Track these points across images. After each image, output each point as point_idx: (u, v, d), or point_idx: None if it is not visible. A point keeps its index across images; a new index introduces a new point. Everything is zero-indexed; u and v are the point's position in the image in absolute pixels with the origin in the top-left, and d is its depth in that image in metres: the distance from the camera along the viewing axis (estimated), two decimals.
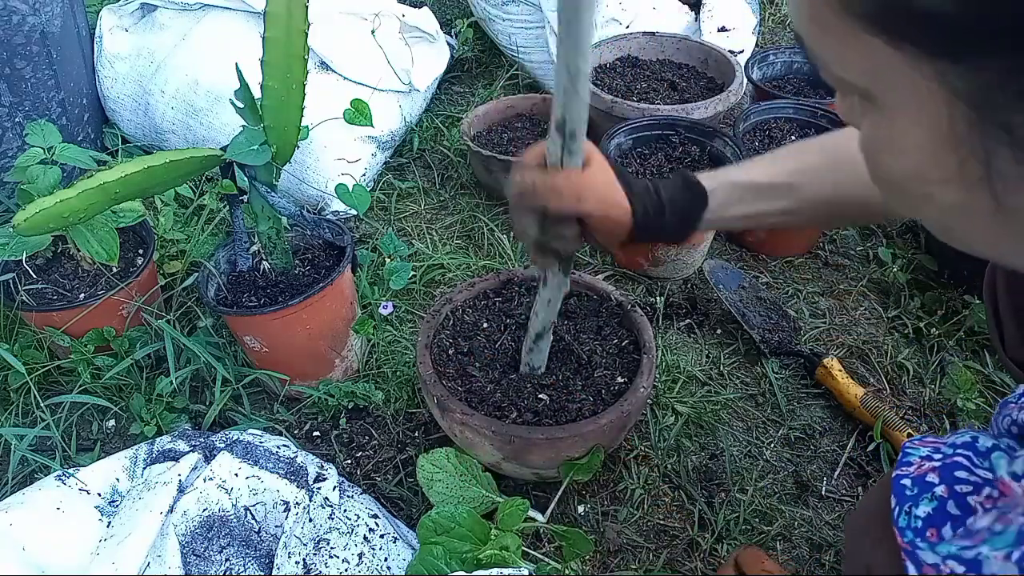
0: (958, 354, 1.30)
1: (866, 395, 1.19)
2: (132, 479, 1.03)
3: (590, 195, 0.74)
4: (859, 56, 0.38)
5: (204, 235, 1.48)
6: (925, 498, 0.55)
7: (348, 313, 1.24)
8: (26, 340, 1.25)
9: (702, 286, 1.45)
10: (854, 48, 0.37)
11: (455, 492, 0.99)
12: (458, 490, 0.99)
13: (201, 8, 1.65)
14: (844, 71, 0.40)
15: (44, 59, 1.55)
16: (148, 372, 1.28)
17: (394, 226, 1.63)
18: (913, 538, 0.54)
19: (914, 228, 1.55)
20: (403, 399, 1.25)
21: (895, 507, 0.57)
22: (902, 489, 0.58)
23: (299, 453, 1.05)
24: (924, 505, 0.55)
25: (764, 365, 1.30)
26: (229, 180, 1.09)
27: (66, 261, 1.30)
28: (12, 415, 1.21)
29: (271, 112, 1.02)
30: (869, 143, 0.43)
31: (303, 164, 1.58)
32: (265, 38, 0.96)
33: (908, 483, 0.58)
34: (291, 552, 0.94)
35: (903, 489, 0.58)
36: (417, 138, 1.84)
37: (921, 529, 0.54)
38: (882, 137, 0.41)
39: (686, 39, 1.75)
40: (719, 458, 1.16)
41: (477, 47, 2.15)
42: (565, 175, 0.73)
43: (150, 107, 1.69)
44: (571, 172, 0.73)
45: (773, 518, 1.08)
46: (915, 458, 0.60)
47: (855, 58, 0.38)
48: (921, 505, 0.55)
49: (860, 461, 1.16)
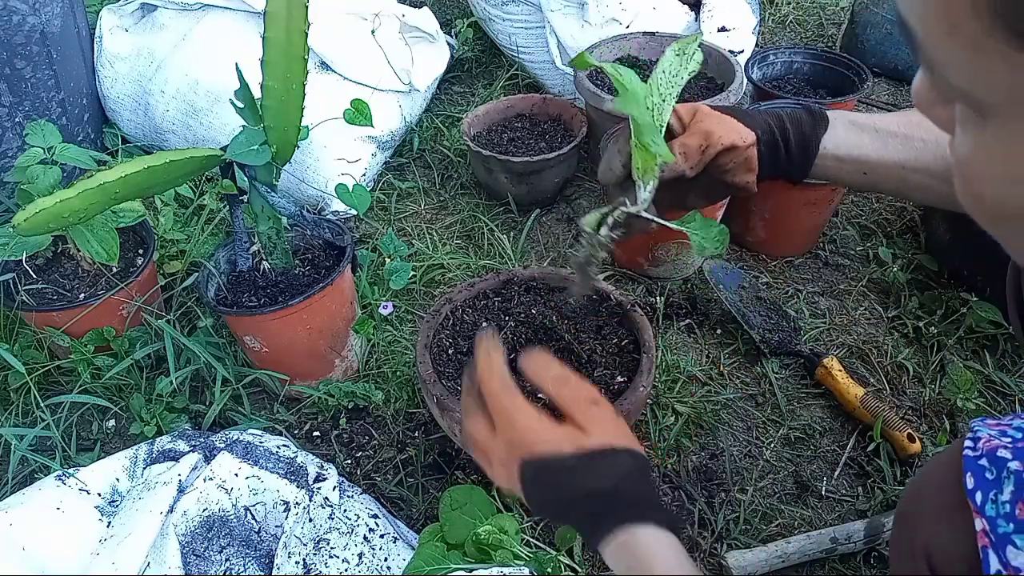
0: (958, 354, 1.30)
1: (866, 395, 1.19)
2: (132, 479, 1.03)
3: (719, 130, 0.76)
4: (999, 73, 0.33)
5: (204, 235, 1.48)
6: (1005, 478, 0.55)
7: (348, 313, 1.24)
8: (26, 340, 1.25)
9: (702, 286, 1.45)
10: (995, 63, 0.32)
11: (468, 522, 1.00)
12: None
13: (201, 8, 1.65)
14: (969, 83, 0.35)
15: (44, 59, 1.55)
16: (148, 372, 1.28)
17: (394, 226, 1.63)
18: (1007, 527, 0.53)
19: (914, 228, 1.56)
20: (403, 399, 1.25)
21: (976, 489, 0.57)
22: (981, 471, 0.57)
23: (299, 453, 1.05)
24: (1007, 485, 0.55)
25: (764, 365, 1.30)
26: (229, 180, 1.09)
27: (66, 261, 1.30)
28: (12, 415, 1.21)
29: (271, 112, 1.02)
30: (970, 160, 0.38)
31: (303, 164, 1.58)
32: (265, 38, 0.96)
33: (986, 463, 0.58)
34: (291, 552, 0.94)
35: (983, 471, 0.57)
36: (417, 138, 1.84)
37: (1011, 513, 0.53)
38: (991, 157, 0.37)
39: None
40: (719, 458, 1.16)
41: (477, 47, 2.15)
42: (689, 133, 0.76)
43: (150, 107, 1.69)
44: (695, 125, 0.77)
45: (773, 518, 1.08)
46: (983, 435, 0.60)
47: (992, 73, 0.33)
48: (1005, 488, 0.55)
49: (860, 461, 1.16)
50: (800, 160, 0.79)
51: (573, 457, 0.58)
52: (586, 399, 0.62)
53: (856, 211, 1.63)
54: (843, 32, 2.16)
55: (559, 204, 1.69)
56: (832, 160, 0.78)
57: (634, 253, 1.46)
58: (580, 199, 1.71)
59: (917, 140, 0.75)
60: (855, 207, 1.64)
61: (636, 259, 1.47)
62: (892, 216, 1.60)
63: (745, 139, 0.77)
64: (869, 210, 1.63)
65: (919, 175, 0.76)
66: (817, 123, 0.78)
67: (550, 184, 1.61)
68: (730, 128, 0.77)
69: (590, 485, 0.57)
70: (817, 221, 1.48)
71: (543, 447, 0.59)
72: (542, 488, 0.59)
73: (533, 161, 1.53)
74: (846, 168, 0.79)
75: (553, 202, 1.68)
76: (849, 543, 1.02)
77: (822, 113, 0.79)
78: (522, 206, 1.63)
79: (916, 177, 0.76)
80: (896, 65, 2.06)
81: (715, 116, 0.78)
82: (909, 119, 0.77)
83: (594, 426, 0.60)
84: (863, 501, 1.10)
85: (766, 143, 0.79)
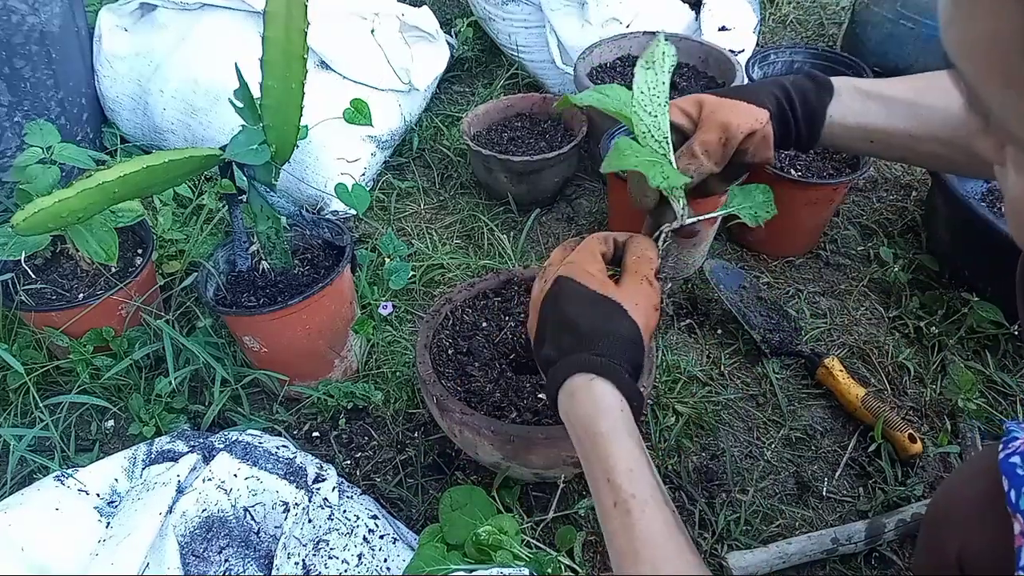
0: (959, 354, 1.29)
1: (867, 395, 1.18)
2: (131, 479, 1.03)
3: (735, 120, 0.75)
4: None
5: (203, 235, 1.48)
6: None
7: (347, 313, 1.23)
8: (25, 340, 1.25)
9: (702, 286, 1.45)
10: None
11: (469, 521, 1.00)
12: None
13: (201, 8, 1.65)
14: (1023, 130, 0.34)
15: (43, 59, 1.55)
16: (147, 372, 1.28)
17: (394, 226, 1.62)
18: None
19: (915, 228, 1.55)
20: (403, 399, 1.25)
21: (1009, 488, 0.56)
22: (1012, 468, 0.57)
23: (298, 453, 1.05)
24: None
25: (765, 365, 1.30)
26: (228, 180, 1.09)
27: (65, 261, 1.30)
28: (11, 415, 1.21)
29: (270, 111, 1.02)
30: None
31: (302, 164, 1.58)
32: (265, 37, 0.96)
33: (1018, 460, 0.57)
34: (290, 553, 0.93)
35: (1013, 467, 0.57)
36: (417, 138, 1.84)
37: None
38: None
39: (686, 38, 1.75)
40: (720, 458, 1.16)
41: (477, 47, 2.14)
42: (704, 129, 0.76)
43: (149, 107, 1.68)
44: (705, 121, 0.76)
45: (774, 519, 1.08)
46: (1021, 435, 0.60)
47: None
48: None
49: (861, 461, 1.16)
50: (808, 131, 0.79)
51: (594, 294, 0.68)
52: (641, 274, 0.71)
53: (857, 211, 1.63)
54: (844, 31, 2.16)
55: (559, 204, 1.69)
56: (839, 128, 0.78)
57: None
58: (580, 199, 1.70)
59: (924, 107, 0.74)
60: (856, 207, 1.64)
61: None
62: (893, 216, 1.60)
63: (761, 120, 0.76)
64: (870, 210, 1.63)
65: (928, 142, 0.75)
66: (822, 91, 0.78)
67: (550, 184, 1.61)
68: (745, 113, 0.76)
69: (585, 317, 0.67)
70: (817, 221, 1.48)
71: (582, 276, 0.70)
72: (555, 300, 0.70)
73: (533, 160, 1.53)
74: (853, 136, 0.78)
75: (553, 202, 1.68)
76: (850, 544, 1.02)
77: (826, 80, 0.78)
78: (522, 206, 1.63)
79: (923, 145, 0.76)
80: (897, 64, 2.06)
81: (726, 104, 0.76)
82: (917, 84, 0.76)
83: (629, 291, 0.69)
84: (864, 502, 1.10)
85: (777, 118, 0.78)
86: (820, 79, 0.78)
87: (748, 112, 0.76)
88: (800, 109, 0.78)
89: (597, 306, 0.68)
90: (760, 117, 0.76)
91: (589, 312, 0.67)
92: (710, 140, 0.75)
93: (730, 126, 0.74)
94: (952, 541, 0.63)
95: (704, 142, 0.75)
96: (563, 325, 0.68)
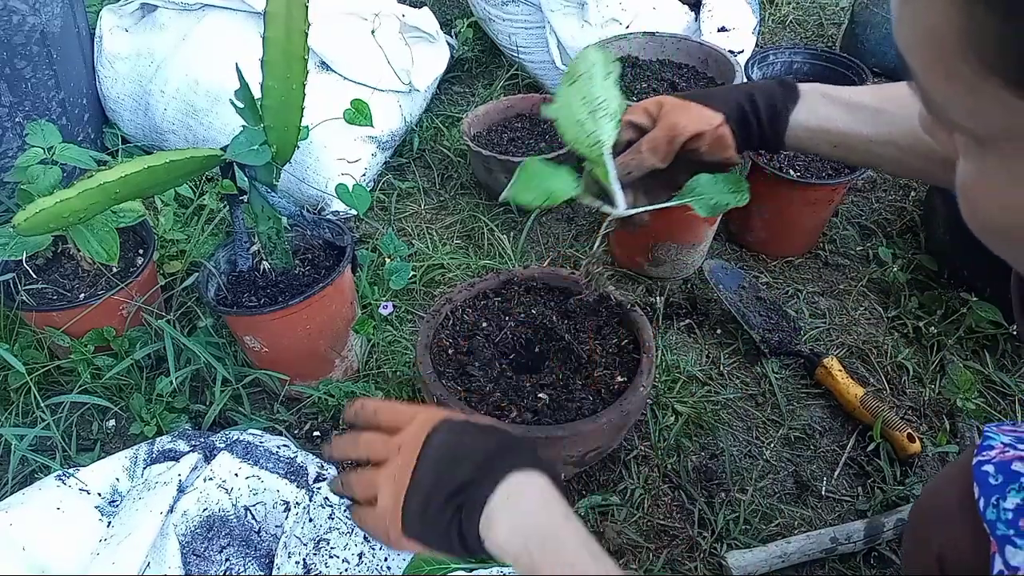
0: (958, 354, 1.30)
1: (866, 395, 1.19)
2: (132, 479, 1.03)
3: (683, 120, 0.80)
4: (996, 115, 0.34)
5: (204, 235, 1.48)
6: (1012, 488, 0.55)
7: (348, 313, 1.24)
8: (26, 340, 1.25)
9: (702, 286, 1.45)
10: (989, 103, 0.34)
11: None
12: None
13: (201, 8, 1.65)
14: (968, 120, 0.36)
15: (44, 59, 1.55)
16: (148, 372, 1.28)
17: (394, 226, 1.63)
18: (1007, 531, 0.53)
19: (914, 228, 1.56)
20: (403, 399, 1.25)
21: (979, 496, 0.57)
22: (985, 476, 0.57)
23: (299, 453, 1.05)
24: (1013, 496, 0.54)
25: (764, 365, 1.30)
26: (229, 180, 1.09)
27: (66, 261, 1.30)
28: (12, 415, 1.21)
29: (271, 112, 1.02)
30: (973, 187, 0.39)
31: (303, 164, 1.58)
32: (265, 38, 0.96)
33: (991, 470, 0.57)
34: (291, 552, 0.94)
35: (986, 476, 0.57)
36: (417, 138, 1.84)
37: (1013, 520, 0.54)
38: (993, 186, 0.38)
39: (686, 39, 1.75)
40: (719, 458, 1.16)
41: (477, 47, 2.15)
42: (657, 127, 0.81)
43: (150, 107, 1.69)
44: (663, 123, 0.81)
45: (773, 518, 1.08)
46: (996, 443, 0.60)
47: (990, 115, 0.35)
48: (1009, 497, 0.55)
49: (860, 461, 1.16)
50: (771, 133, 0.82)
51: (480, 423, 0.64)
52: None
53: (856, 211, 1.63)
54: (843, 32, 2.16)
55: (559, 204, 1.69)
56: (803, 131, 0.81)
57: (634, 253, 1.46)
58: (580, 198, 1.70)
59: (887, 114, 0.77)
60: (855, 207, 1.64)
61: (636, 259, 1.47)
62: (892, 216, 1.61)
63: (711, 122, 0.80)
64: (869, 210, 1.63)
65: (887, 147, 0.78)
66: (788, 96, 0.81)
67: None
68: (695, 116, 0.81)
69: (491, 441, 0.62)
70: (817, 221, 1.48)
71: (458, 416, 0.64)
72: (450, 442, 0.61)
73: None
74: (816, 139, 0.82)
75: None
76: (849, 543, 1.02)
77: (793, 86, 0.82)
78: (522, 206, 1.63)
79: (883, 150, 0.78)
80: (896, 65, 2.06)
81: (680, 106, 0.82)
82: (883, 92, 0.79)
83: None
84: (863, 501, 1.10)
85: (736, 120, 0.82)
86: (788, 84, 0.82)
87: (699, 114, 0.81)
88: (764, 112, 0.81)
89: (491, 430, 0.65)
90: (712, 120, 0.80)
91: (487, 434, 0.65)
92: (657, 138, 0.81)
93: (677, 126, 0.80)
94: (933, 541, 0.64)
95: (651, 139, 0.82)
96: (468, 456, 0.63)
